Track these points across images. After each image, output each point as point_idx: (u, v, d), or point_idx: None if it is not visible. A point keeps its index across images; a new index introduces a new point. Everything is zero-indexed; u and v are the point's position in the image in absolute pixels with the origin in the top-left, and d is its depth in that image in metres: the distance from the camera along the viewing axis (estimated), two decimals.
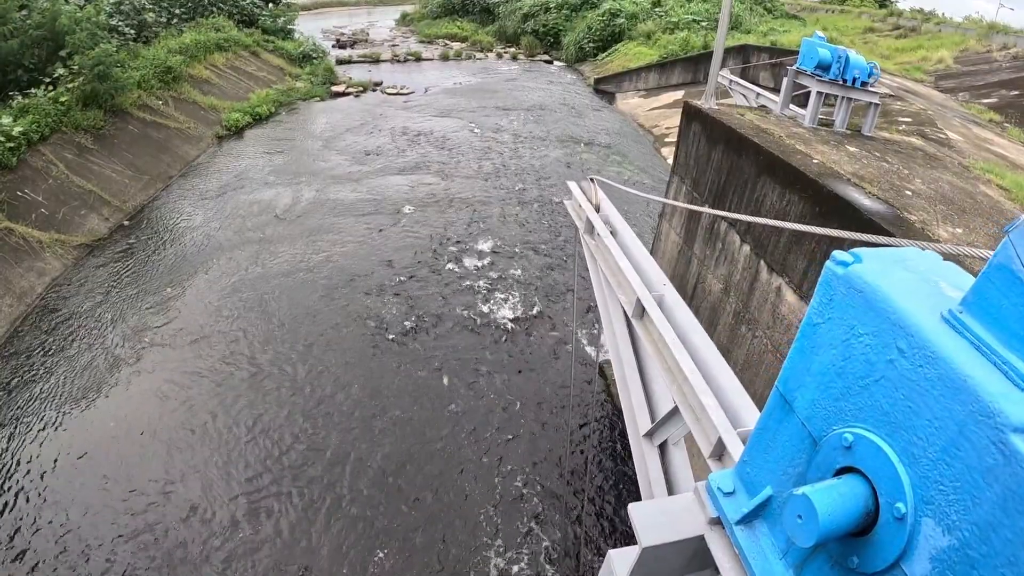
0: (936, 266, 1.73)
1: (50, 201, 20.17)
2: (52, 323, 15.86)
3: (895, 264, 1.67)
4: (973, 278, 1.59)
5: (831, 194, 6.88)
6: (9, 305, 16.22)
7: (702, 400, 3.82)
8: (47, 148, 21.92)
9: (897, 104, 16.04)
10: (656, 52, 43.26)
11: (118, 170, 23.80)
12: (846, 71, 9.78)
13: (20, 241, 17.99)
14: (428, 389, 13.65)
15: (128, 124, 26.25)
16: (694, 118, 10.54)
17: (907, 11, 56.95)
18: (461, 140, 30.50)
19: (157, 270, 18.36)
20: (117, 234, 20.66)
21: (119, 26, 31.87)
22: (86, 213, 20.93)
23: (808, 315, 1.75)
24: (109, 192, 22.41)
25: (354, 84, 41.34)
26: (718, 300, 9.31)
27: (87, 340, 15.12)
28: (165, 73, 30.63)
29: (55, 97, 23.58)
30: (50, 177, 20.99)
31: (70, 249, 19.12)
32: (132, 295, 17.04)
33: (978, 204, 7.82)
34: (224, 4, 45.59)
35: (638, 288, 4.69)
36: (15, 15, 25.87)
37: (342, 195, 23.45)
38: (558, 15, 57.72)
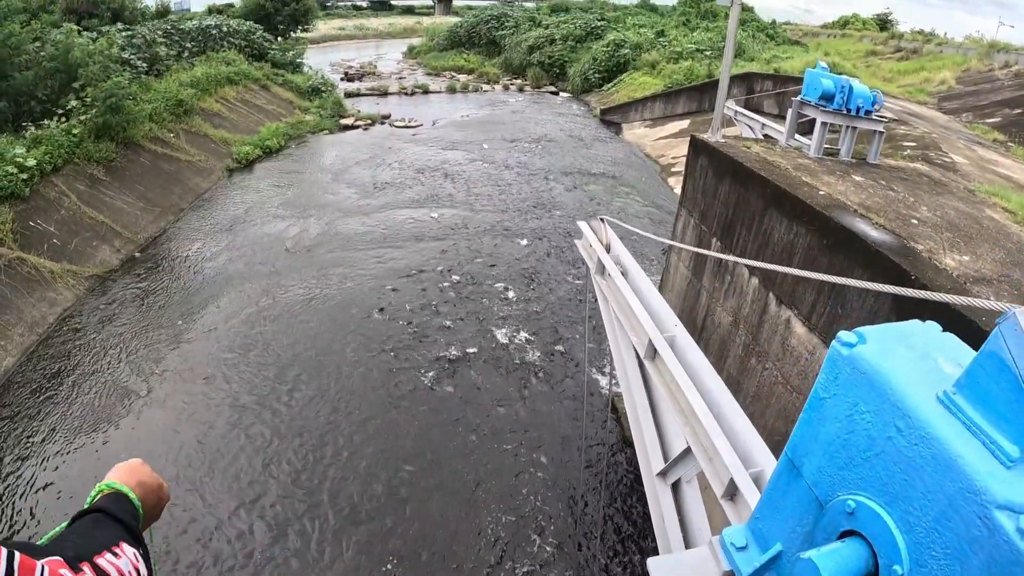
0: (935, 341, 1.83)
1: (62, 232, 20.25)
2: (63, 353, 15.80)
3: (896, 343, 1.76)
4: (969, 350, 1.75)
5: (838, 226, 6.88)
6: (20, 334, 16.19)
7: (714, 441, 3.84)
8: (59, 179, 22.04)
9: (901, 128, 16.07)
10: (661, 82, 43.57)
11: (130, 202, 23.96)
12: (850, 101, 9.80)
13: (32, 271, 18.01)
14: (440, 417, 13.57)
15: (140, 156, 26.45)
16: (701, 151, 10.56)
17: (908, 33, 57.44)
18: (469, 173, 30.55)
19: (168, 302, 18.34)
20: (129, 266, 20.65)
21: (131, 59, 32.24)
22: (98, 244, 20.98)
23: (815, 389, 1.84)
24: (121, 224, 22.52)
25: (363, 117, 41.55)
26: (728, 332, 9.30)
27: (98, 371, 15.06)
28: (176, 106, 30.94)
29: (68, 129, 23.77)
30: (62, 208, 21.09)
31: (82, 280, 19.11)
32: (143, 327, 16.99)
33: (984, 229, 7.78)
34: (235, 38, 46.13)
35: (650, 329, 4.69)
36: (29, 47, 26.25)
37: (351, 228, 23.48)
38: (563, 46, 58.10)
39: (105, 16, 39.89)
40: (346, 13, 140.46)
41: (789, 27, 77.19)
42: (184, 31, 43.05)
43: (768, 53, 46.60)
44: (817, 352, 7.02)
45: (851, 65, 36.54)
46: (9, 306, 16.62)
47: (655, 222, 24.74)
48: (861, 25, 71.03)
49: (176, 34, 41.84)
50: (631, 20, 62.66)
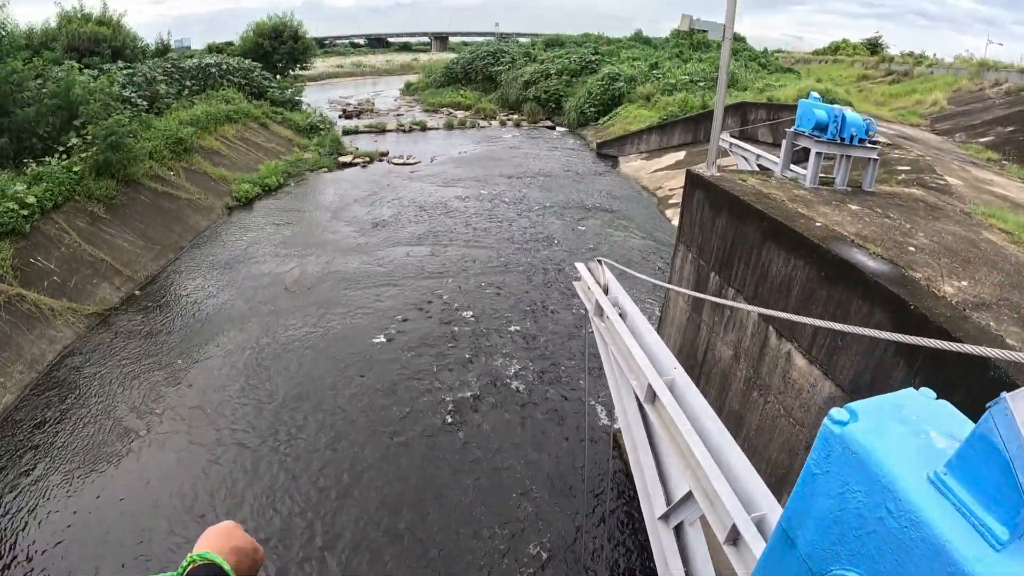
0: (929, 411, 1.88)
1: (62, 269, 20.27)
2: (62, 391, 15.73)
3: (888, 418, 1.81)
4: (963, 419, 1.83)
5: (836, 258, 6.87)
6: (20, 371, 16.15)
7: (715, 486, 3.83)
8: (60, 216, 22.11)
9: (895, 152, 16.14)
10: (656, 114, 43.89)
11: (130, 239, 24.02)
12: (843, 130, 9.84)
13: (32, 308, 18.02)
14: (441, 455, 13.49)
15: (140, 194, 26.58)
16: (697, 186, 10.56)
17: (898, 56, 58.08)
18: (468, 209, 30.59)
19: (169, 341, 18.25)
20: (129, 304, 20.65)
21: (132, 97, 32.54)
22: (98, 282, 20.99)
23: (808, 464, 1.89)
24: (121, 261, 22.55)
25: (361, 155, 41.78)
26: (728, 366, 9.25)
27: (97, 409, 14.97)
28: (176, 144, 31.16)
29: (69, 166, 23.89)
30: (63, 245, 21.12)
31: (82, 318, 19.09)
32: (143, 365, 16.91)
33: (982, 252, 7.79)
34: (234, 76, 46.67)
35: (649, 373, 4.68)
36: (31, 84, 26.47)
37: (351, 266, 23.47)
38: (559, 81, 58.62)
39: (106, 54, 40.35)
40: (344, 51, 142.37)
41: (781, 55, 78.19)
42: (184, 69, 43.58)
43: (761, 82, 47.12)
44: (818, 384, 7.00)
45: (844, 91, 36.88)
46: (9, 343, 16.60)
47: (653, 255, 24.75)
48: (852, 50, 72.08)
49: (176, 72, 42.36)
50: (625, 53, 63.33)
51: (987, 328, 5.54)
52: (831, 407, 4.98)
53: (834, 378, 6.71)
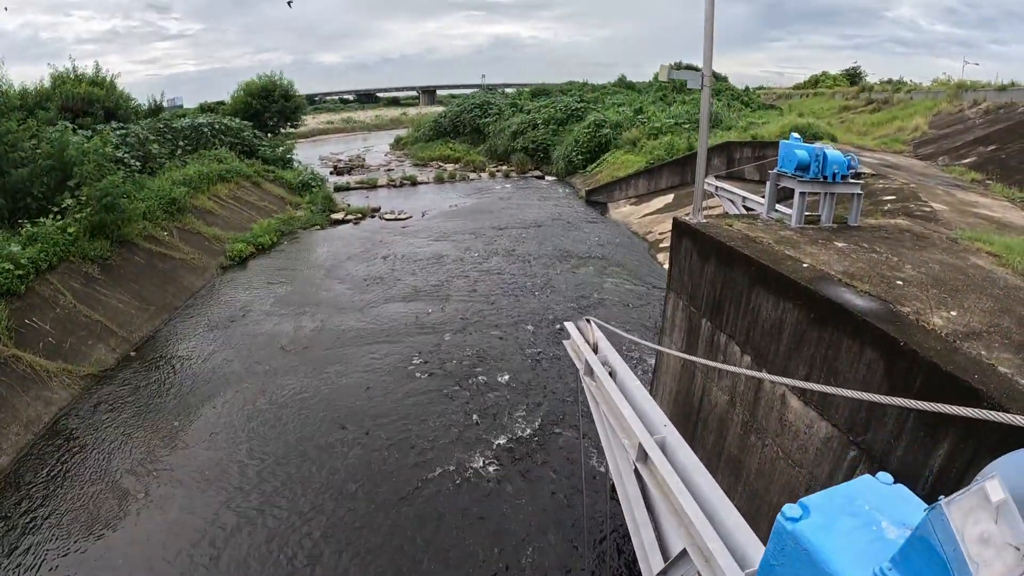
0: (882, 498, 2.00)
1: (57, 330, 20.21)
2: (59, 454, 15.58)
3: (840, 511, 1.91)
4: (917, 504, 1.96)
5: (823, 299, 6.87)
6: (16, 433, 16.02)
7: (709, 544, 3.83)
8: (55, 277, 22.11)
9: (880, 183, 16.27)
10: (643, 158, 44.16)
11: (124, 300, 23.98)
12: (825, 168, 9.94)
13: (27, 369, 17.92)
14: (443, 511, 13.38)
15: (134, 254, 26.63)
16: (684, 233, 10.58)
17: (877, 84, 58.83)
18: (461, 263, 30.57)
19: (165, 402, 18.11)
20: (125, 365, 20.53)
21: (125, 158, 32.76)
22: (93, 343, 20.90)
23: (765, 555, 1.97)
24: (116, 322, 22.50)
25: (353, 211, 41.87)
26: (725, 411, 9.20)
27: (94, 472, 14.82)
28: (170, 204, 31.29)
29: (63, 227, 23.91)
30: (57, 306, 21.08)
31: (77, 379, 18.99)
32: (140, 427, 16.77)
33: (970, 279, 7.82)
34: (226, 136, 47.02)
35: (639, 433, 4.68)
36: (26, 144, 26.61)
37: (346, 324, 23.36)
38: (545, 130, 59.15)
39: (99, 115, 40.69)
40: (333, 107, 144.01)
41: (763, 91, 79.35)
42: (177, 129, 43.99)
43: (744, 121, 47.59)
44: (815, 425, 6.94)
45: (826, 123, 37.41)
46: (4, 404, 16.47)
47: (646, 300, 24.79)
48: (831, 82, 73.31)
49: (169, 132, 42.79)
50: (610, 99, 64.10)
51: (978, 358, 5.53)
52: (828, 447, 5.17)
53: (830, 418, 6.68)
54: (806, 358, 7.07)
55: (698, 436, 9.93)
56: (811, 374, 7.00)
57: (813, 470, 6.94)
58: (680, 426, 10.48)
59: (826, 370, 6.76)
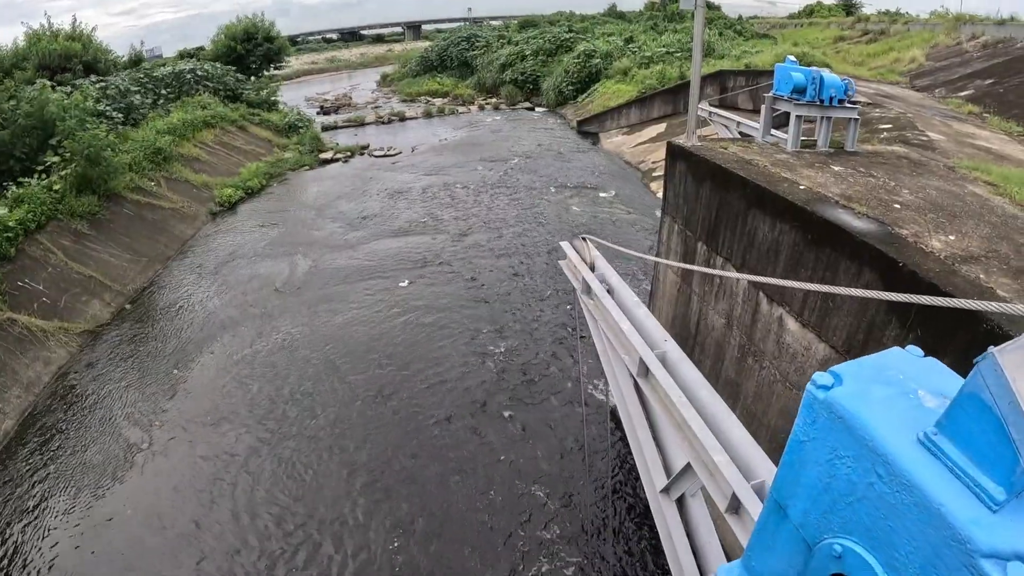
0: (916, 370, 1.84)
1: (51, 289, 20.18)
2: (62, 412, 15.73)
3: (873, 380, 1.77)
4: (953, 375, 1.79)
5: (821, 220, 6.81)
6: (17, 396, 16.14)
7: (713, 457, 3.81)
8: (44, 236, 22.03)
9: (876, 111, 16.09)
10: (634, 88, 43.45)
11: (116, 254, 23.86)
12: (822, 91, 9.76)
13: (24, 331, 17.97)
14: (438, 440, 13.53)
15: (123, 207, 26.40)
16: (679, 157, 10.42)
17: (874, 15, 57.68)
18: (451, 197, 30.35)
19: (163, 352, 18.23)
20: (120, 318, 20.61)
21: (107, 111, 32.29)
22: (88, 299, 20.90)
23: (795, 431, 1.84)
24: (109, 277, 22.44)
25: (341, 150, 41.38)
26: (722, 335, 9.18)
27: (98, 427, 14.98)
28: (155, 154, 30.90)
29: (49, 185, 23.74)
30: (49, 265, 21.03)
31: (74, 336, 19.06)
32: (140, 379, 16.92)
33: (967, 206, 7.78)
34: (209, 81, 46.15)
35: (640, 347, 4.63)
36: (4, 106, 26.19)
37: (339, 263, 23.34)
38: (535, 61, 58.14)
39: (78, 70, 40.08)
40: (317, 47, 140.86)
41: (757, 21, 77.97)
42: (158, 78, 43.12)
43: (738, 49, 46.70)
44: (812, 347, 6.95)
45: (821, 53, 36.68)
46: (3, 368, 16.56)
47: (640, 228, 24.70)
48: (827, 12, 71.88)
49: (150, 82, 41.92)
50: (600, 30, 62.87)
51: (977, 281, 5.53)
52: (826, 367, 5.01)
53: (827, 340, 6.68)
54: (803, 280, 7.00)
55: (696, 360, 9.85)
56: (809, 295, 6.98)
57: None
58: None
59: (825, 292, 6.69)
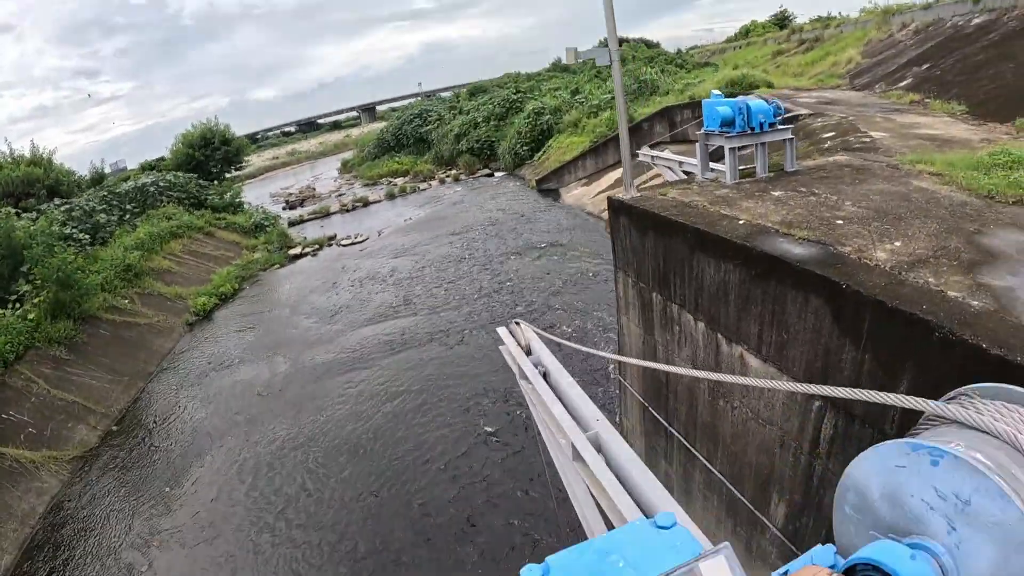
0: (646, 552, 1.76)
1: (36, 419, 20.00)
2: (59, 541, 15.60)
3: (585, 571, 1.72)
4: (693, 551, 1.72)
5: (760, 254, 6.67)
6: (14, 530, 15.98)
7: None
8: (24, 366, 21.86)
9: (818, 121, 16.10)
10: (586, 138, 43.73)
11: (97, 376, 23.61)
12: (751, 120, 9.71)
13: (13, 464, 17.83)
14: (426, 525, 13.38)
15: (99, 328, 26.20)
16: (620, 211, 10.34)
17: (807, 24, 58.62)
18: (421, 276, 30.08)
19: (153, 470, 18.04)
20: (108, 441, 20.40)
21: (73, 233, 32.22)
22: (73, 425, 20.68)
23: None
24: (92, 400, 22.19)
25: (310, 243, 41.31)
26: (691, 380, 8.98)
27: (96, 553, 14.80)
28: (126, 271, 30.77)
29: (23, 314, 23.57)
30: (32, 395, 20.86)
31: (64, 464, 18.86)
32: (134, 499, 16.73)
33: (913, 204, 7.66)
34: (172, 191, 46.26)
35: (570, 431, 4.48)
36: None
37: (317, 358, 23.06)
38: (487, 127, 58.57)
39: (41, 195, 40.02)
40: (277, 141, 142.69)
41: (697, 50, 79.57)
42: (122, 194, 43.15)
43: (680, 83, 47.01)
44: (776, 381, 6.76)
45: (761, 70, 36.99)
46: None
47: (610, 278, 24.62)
48: (761, 30, 73.23)
49: (114, 198, 41.90)
50: (546, 86, 63.53)
51: (926, 287, 5.40)
52: (793, 401, 5.06)
53: (789, 372, 6.53)
54: (756, 316, 6.92)
55: (671, 408, 9.80)
56: (763, 330, 6.85)
57: (783, 425, 6.83)
58: (652, 401, 10.38)
59: (776, 325, 6.60)
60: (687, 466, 9.58)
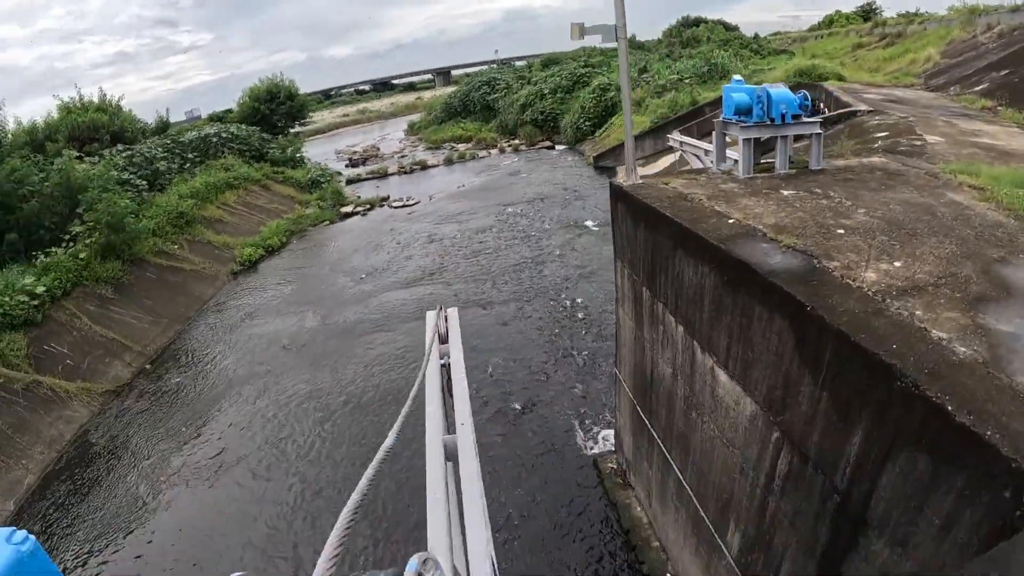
0: None
1: (75, 352, 20.57)
2: (82, 467, 16.33)
3: None
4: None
5: (733, 260, 5.79)
6: (40, 452, 16.79)
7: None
8: (70, 302, 22.43)
9: (875, 119, 14.93)
10: (647, 118, 42.15)
11: (138, 316, 23.95)
12: (771, 110, 8.66)
13: (48, 392, 18.54)
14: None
15: (145, 271, 26.58)
16: (619, 198, 9.45)
17: (891, 18, 55.86)
18: (462, 244, 29.41)
19: (175, 411, 18.49)
20: (139, 378, 20.93)
21: (131, 179, 32.71)
22: (110, 360, 21.22)
23: None
24: (131, 338, 22.59)
25: (362, 203, 41.06)
26: (671, 385, 8.12)
27: (114, 481, 15.48)
28: (178, 218, 31.16)
29: (75, 253, 24.12)
30: (74, 329, 21.43)
31: (96, 396, 19.49)
32: (152, 436, 17.26)
33: (936, 219, 6.57)
34: (234, 143, 46.67)
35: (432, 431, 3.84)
36: (34, 178, 26.59)
37: (345, 318, 22.83)
38: (553, 99, 57.14)
39: (105, 140, 40.65)
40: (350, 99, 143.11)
41: (778, 37, 76.62)
42: (185, 143, 43.72)
43: (748, 68, 45.27)
44: (741, 402, 5.97)
45: (838, 62, 35.13)
46: (28, 427, 17.21)
47: None
48: (845, 20, 70.16)
49: (177, 147, 42.43)
50: (616, 62, 61.67)
51: (908, 320, 4.46)
52: (755, 427, 4.30)
53: (752, 395, 5.74)
54: (726, 327, 6.09)
55: (654, 410, 9.01)
56: (731, 344, 6.02)
57: (744, 451, 6.03)
58: (640, 399, 9.62)
59: (744, 340, 5.76)
60: (664, 473, 8.78)
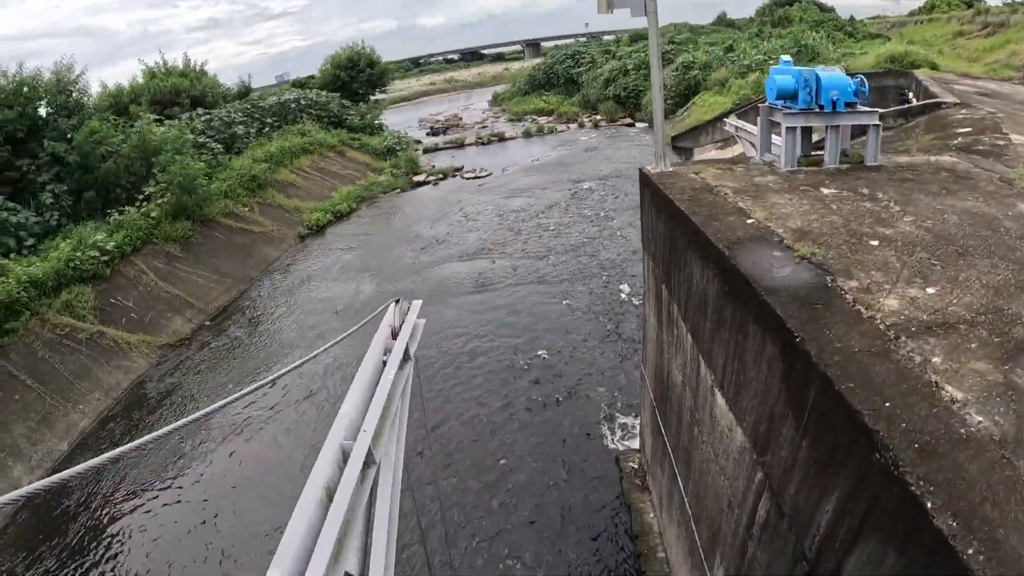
0: None
1: (139, 306, 21.33)
2: (134, 414, 17.16)
3: None
4: None
5: (733, 269, 4.96)
6: (97, 399, 17.80)
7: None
8: (139, 259, 23.12)
9: (961, 113, 13.47)
10: (730, 99, 40.01)
11: (203, 275, 24.37)
12: (820, 96, 7.64)
13: (111, 343, 19.40)
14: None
15: (215, 232, 26.99)
16: (646, 185, 8.58)
17: (995, 7, 52.20)
18: (527, 219, 28.63)
19: (227, 367, 19.02)
20: (198, 334, 21.54)
21: (207, 142, 33.24)
22: (172, 316, 21.86)
23: None
24: (194, 296, 23.11)
25: (435, 172, 40.75)
26: (681, 394, 7.30)
27: (161, 427, 15.56)
28: (251, 181, 31.54)
29: (147, 212, 24.75)
30: (140, 284, 22.14)
31: (155, 349, 20.25)
32: (201, 391, 17.94)
33: (996, 236, 5.30)
34: (313, 108, 47.03)
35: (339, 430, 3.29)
36: (113, 140, 27.29)
37: (401, 287, 22.53)
38: (636, 76, 55.27)
39: (185, 103, 41.54)
40: (439, 67, 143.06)
41: (877, 20, 72.75)
42: (264, 108, 44.26)
43: (839, 51, 42.64)
44: (734, 430, 5.19)
45: (936, 51, 32.78)
46: (89, 374, 18.15)
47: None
48: (947, 6, 65.72)
49: (256, 112, 43.00)
50: (703, 40, 59.62)
51: (917, 369, 3.44)
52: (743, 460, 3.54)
53: (741, 424, 4.97)
54: (723, 342, 5.30)
55: (668, 417, 8.22)
56: (727, 363, 5.22)
57: (733, 483, 5.29)
58: (659, 403, 8.80)
59: (738, 361, 4.97)
60: (671, 484, 7.96)
